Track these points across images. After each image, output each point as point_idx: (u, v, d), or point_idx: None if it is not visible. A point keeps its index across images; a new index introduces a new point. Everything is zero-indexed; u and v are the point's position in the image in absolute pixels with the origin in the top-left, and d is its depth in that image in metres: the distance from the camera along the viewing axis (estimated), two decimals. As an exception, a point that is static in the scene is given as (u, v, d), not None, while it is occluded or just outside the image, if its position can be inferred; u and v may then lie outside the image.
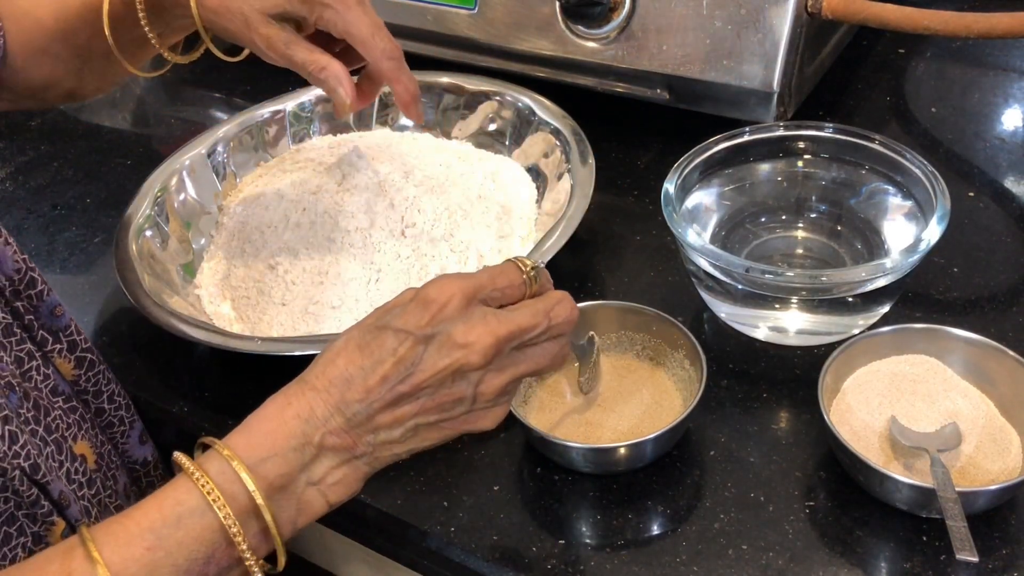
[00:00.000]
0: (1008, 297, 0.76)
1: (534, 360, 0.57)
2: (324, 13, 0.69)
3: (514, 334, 0.55)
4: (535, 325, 0.55)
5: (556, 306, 0.56)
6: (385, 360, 0.53)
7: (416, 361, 0.53)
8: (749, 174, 0.80)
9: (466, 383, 0.55)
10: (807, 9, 0.84)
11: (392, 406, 0.54)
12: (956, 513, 0.57)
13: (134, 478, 0.73)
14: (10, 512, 0.57)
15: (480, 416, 0.57)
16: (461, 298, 0.54)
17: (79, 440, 0.66)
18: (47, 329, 0.65)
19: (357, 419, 0.54)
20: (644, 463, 0.67)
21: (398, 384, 0.53)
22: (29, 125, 1.14)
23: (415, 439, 0.56)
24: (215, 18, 0.71)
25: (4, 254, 0.62)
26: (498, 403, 0.57)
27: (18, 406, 0.60)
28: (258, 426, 0.54)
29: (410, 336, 0.54)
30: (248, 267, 0.84)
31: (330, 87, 0.71)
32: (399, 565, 0.72)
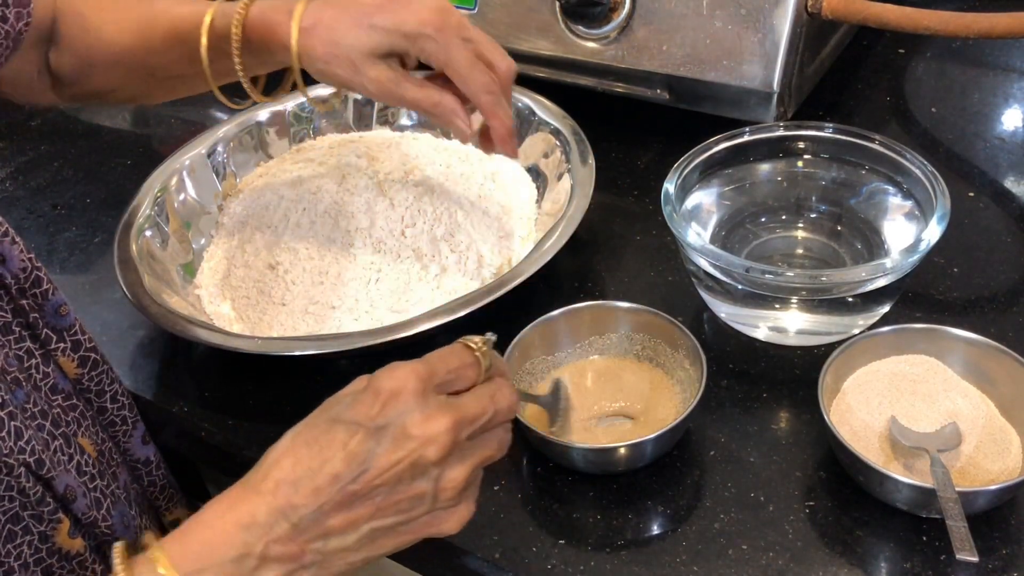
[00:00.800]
0: (1008, 297, 0.76)
1: (486, 448, 0.53)
2: (426, 46, 0.68)
3: (467, 420, 0.51)
4: (483, 411, 0.52)
5: (497, 393, 0.53)
6: (334, 456, 0.50)
7: (369, 456, 0.49)
8: (749, 174, 0.80)
9: (424, 479, 0.51)
10: (807, 9, 0.84)
11: (344, 508, 0.50)
12: (956, 513, 0.57)
13: (135, 477, 0.73)
14: (15, 511, 0.57)
15: (442, 517, 0.53)
16: (415, 385, 0.50)
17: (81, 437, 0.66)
18: (51, 328, 0.65)
19: (304, 524, 0.50)
20: (644, 463, 0.67)
21: (350, 483, 0.49)
22: (29, 125, 1.14)
23: (371, 546, 0.52)
24: (323, 67, 0.70)
25: (11, 252, 0.62)
26: (461, 500, 0.53)
27: (24, 401, 0.60)
28: (196, 533, 0.50)
29: (361, 428, 0.50)
30: (248, 267, 0.84)
31: (447, 120, 0.69)
32: (399, 565, 0.72)
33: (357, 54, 0.68)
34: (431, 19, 0.67)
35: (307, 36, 0.70)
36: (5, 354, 0.60)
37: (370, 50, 0.68)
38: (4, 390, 0.57)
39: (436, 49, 0.68)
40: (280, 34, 0.71)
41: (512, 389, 0.55)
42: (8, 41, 0.64)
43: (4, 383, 0.58)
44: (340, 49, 0.68)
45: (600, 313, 0.73)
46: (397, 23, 0.67)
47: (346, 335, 0.73)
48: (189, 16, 0.74)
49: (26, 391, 0.60)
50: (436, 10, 0.68)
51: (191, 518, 0.51)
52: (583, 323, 0.73)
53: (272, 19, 0.71)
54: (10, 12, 0.64)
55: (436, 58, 0.68)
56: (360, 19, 0.68)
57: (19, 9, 0.65)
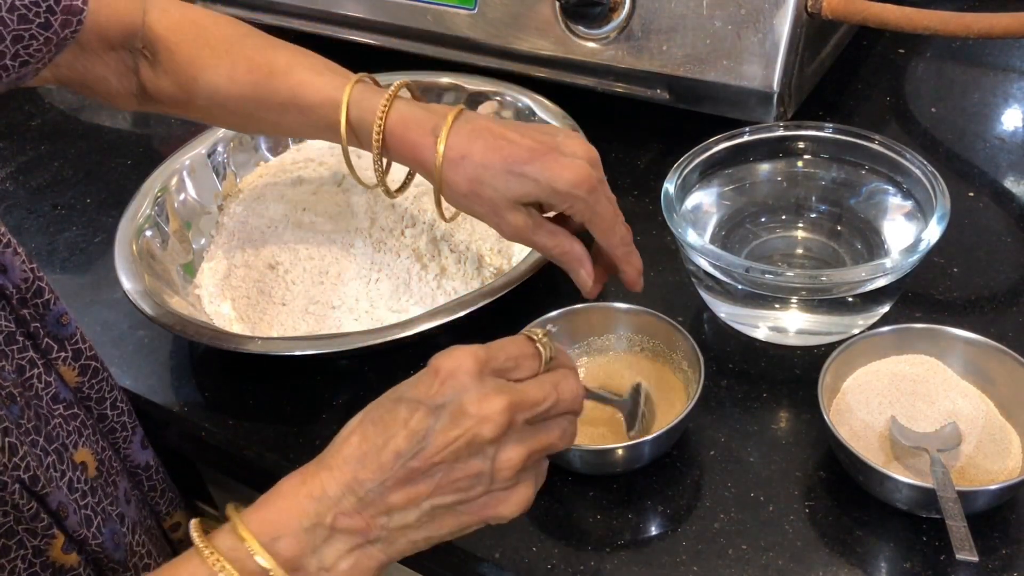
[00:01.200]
0: (1008, 297, 0.76)
1: (548, 435, 0.54)
2: (576, 205, 0.66)
3: (525, 404, 0.52)
4: (544, 397, 0.53)
5: (562, 382, 0.54)
6: (397, 434, 0.51)
7: (428, 433, 0.51)
8: (749, 174, 0.80)
9: (481, 457, 0.51)
10: (807, 9, 0.84)
11: (405, 484, 0.51)
12: (956, 513, 0.57)
13: (135, 482, 0.73)
14: (9, 525, 0.57)
15: (500, 499, 0.53)
16: (473, 365, 0.51)
17: (80, 447, 0.66)
18: (53, 337, 0.65)
19: (369, 498, 0.51)
20: (642, 464, 0.67)
21: (410, 460, 0.51)
22: (29, 125, 1.14)
23: (432, 524, 0.53)
24: (462, 200, 0.68)
25: (12, 263, 0.62)
26: (520, 482, 0.53)
27: (19, 416, 0.60)
28: (272, 503, 0.52)
29: (421, 406, 0.51)
30: (248, 267, 0.84)
31: (573, 269, 0.69)
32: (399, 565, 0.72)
33: (502, 200, 0.66)
34: (584, 180, 0.65)
35: (453, 168, 0.67)
36: (2, 367, 0.60)
37: (516, 198, 0.66)
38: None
39: (584, 208, 0.66)
40: (423, 157, 0.68)
41: (578, 381, 0.55)
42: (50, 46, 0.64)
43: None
44: (486, 191, 0.66)
45: (599, 314, 0.73)
46: (550, 179, 0.65)
47: (346, 335, 0.73)
48: (318, 93, 0.72)
49: (21, 406, 0.60)
50: (586, 166, 0.66)
51: (269, 491, 0.53)
52: (581, 324, 0.72)
53: (415, 138, 0.69)
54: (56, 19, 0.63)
55: (582, 215, 0.66)
56: (512, 165, 0.65)
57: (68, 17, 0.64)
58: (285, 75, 0.73)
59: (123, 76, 0.74)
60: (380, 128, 0.69)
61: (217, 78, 0.73)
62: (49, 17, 0.62)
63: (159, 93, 0.75)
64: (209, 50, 0.74)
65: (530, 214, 0.67)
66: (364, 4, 1.02)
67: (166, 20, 0.74)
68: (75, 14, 0.64)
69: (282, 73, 0.73)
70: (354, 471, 0.51)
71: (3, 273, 0.61)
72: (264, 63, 0.73)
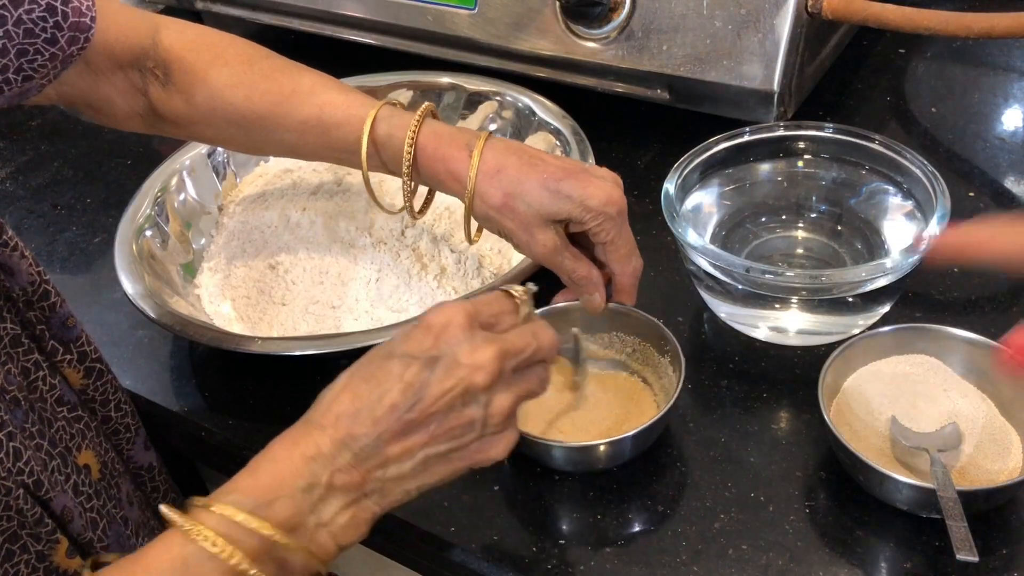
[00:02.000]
0: (1008, 297, 0.76)
1: (528, 382, 0.56)
2: (605, 224, 0.66)
3: (511, 352, 0.54)
4: (527, 345, 0.55)
5: (540, 331, 0.57)
6: (392, 388, 0.53)
7: (424, 385, 0.53)
8: (749, 174, 0.80)
9: (475, 405, 0.54)
10: (807, 9, 0.84)
11: (402, 436, 0.53)
12: (956, 513, 0.57)
13: (138, 483, 0.73)
14: (13, 530, 0.57)
15: (491, 443, 0.55)
16: (463, 320, 0.54)
17: (84, 450, 0.66)
18: (58, 340, 0.65)
19: (365, 453, 0.53)
20: (624, 460, 0.67)
21: (406, 412, 0.52)
22: (29, 125, 1.14)
23: (425, 473, 0.54)
24: (495, 215, 0.68)
25: (19, 266, 0.62)
26: (507, 427, 0.56)
27: (23, 420, 0.60)
28: (265, 467, 0.52)
29: (416, 360, 0.53)
30: (248, 267, 0.84)
31: (588, 292, 0.69)
32: (399, 565, 0.72)
33: (535, 215, 0.67)
34: (616, 200, 0.66)
35: (488, 180, 0.67)
36: (7, 370, 0.60)
37: (549, 215, 0.66)
38: (3, 410, 0.57)
39: (611, 228, 0.67)
40: (457, 168, 0.68)
41: (552, 331, 0.58)
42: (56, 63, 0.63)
43: (3, 402, 0.58)
44: (520, 204, 0.67)
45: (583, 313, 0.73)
46: (584, 196, 0.66)
47: (346, 335, 0.73)
48: (345, 111, 0.71)
49: (25, 409, 0.60)
50: (617, 188, 0.67)
51: (257, 456, 0.53)
52: (566, 323, 0.72)
53: (448, 151, 0.69)
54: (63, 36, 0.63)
55: (607, 234, 0.67)
56: (547, 181, 0.66)
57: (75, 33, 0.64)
58: (309, 95, 0.72)
59: (129, 96, 0.74)
60: (412, 141, 0.69)
61: (235, 96, 0.73)
62: (56, 33, 0.62)
63: (170, 113, 0.75)
64: (228, 69, 0.73)
65: (558, 233, 0.68)
66: (364, 4, 1.02)
67: (182, 39, 0.74)
68: (83, 31, 0.64)
69: (306, 93, 0.73)
70: (348, 427, 0.52)
71: (9, 276, 0.62)
72: (287, 82, 0.73)
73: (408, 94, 0.98)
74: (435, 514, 0.66)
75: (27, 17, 0.60)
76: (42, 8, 0.60)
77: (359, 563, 0.82)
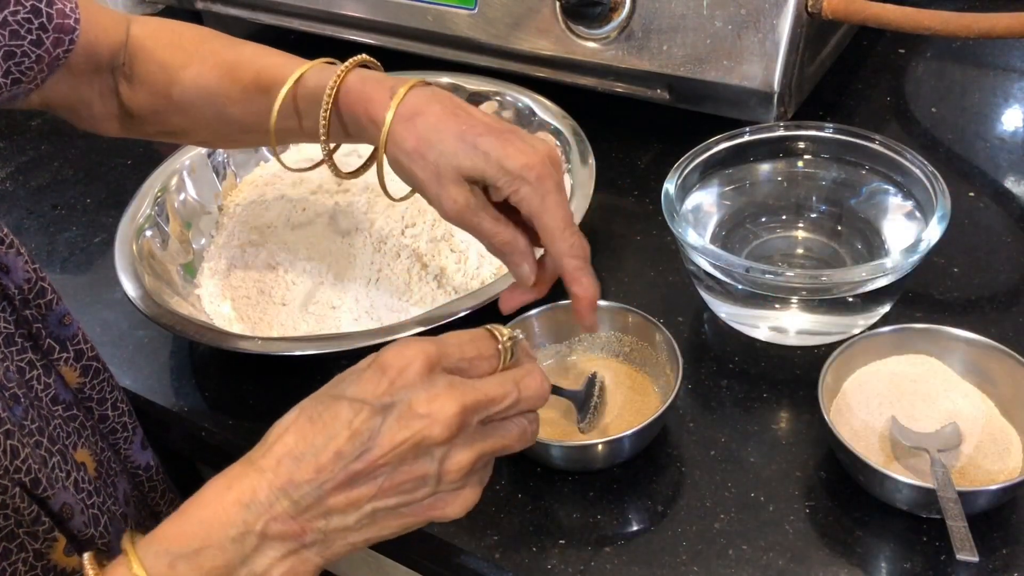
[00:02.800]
0: (1008, 297, 0.76)
1: (502, 437, 0.52)
2: (522, 189, 0.61)
3: (481, 404, 0.50)
4: (503, 396, 0.51)
5: (526, 377, 0.52)
6: (339, 434, 0.49)
7: (373, 434, 0.48)
8: (749, 174, 0.80)
9: (429, 460, 0.49)
10: (807, 9, 0.84)
11: (346, 487, 0.49)
12: (956, 513, 0.57)
13: (135, 483, 0.73)
14: (10, 529, 0.57)
15: (447, 500, 0.51)
16: (423, 363, 0.49)
17: (79, 448, 0.66)
18: (55, 338, 0.65)
19: (305, 502, 0.49)
20: (623, 460, 0.67)
21: (353, 462, 0.48)
22: (29, 125, 1.14)
23: (373, 527, 0.51)
24: (405, 160, 0.64)
25: (15, 264, 0.62)
26: (466, 484, 0.51)
27: (22, 418, 0.60)
28: (194, 512, 0.49)
29: (366, 406, 0.49)
30: (248, 267, 0.84)
31: (514, 263, 0.64)
32: (399, 565, 0.72)
33: (448, 166, 0.62)
34: (536, 164, 0.61)
35: (404, 123, 0.64)
36: (6, 368, 0.60)
37: (463, 169, 0.62)
38: (2, 407, 0.57)
39: (530, 195, 0.61)
40: (375, 110, 0.65)
41: (544, 378, 0.53)
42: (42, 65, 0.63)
43: (2, 399, 0.58)
44: (432, 152, 0.62)
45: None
46: (501, 156, 0.61)
47: (346, 335, 0.73)
48: (278, 68, 0.70)
49: (24, 407, 0.60)
50: (544, 155, 0.62)
51: (190, 498, 0.50)
52: (561, 323, 0.72)
53: (371, 92, 0.66)
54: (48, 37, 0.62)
55: (528, 204, 0.61)
56: (466, 134, 0.62)
57: (60, 35, 0.63)
58: (250, 62, 0.72)
59: (106, 98, 0.75)
60: (336, 83, 0.66)
61: (187, 77, 0.73)
62: (41, 35, 0.62)
63: (137, 106, 0.75)
64: (182, 52, 0.74)
65: (474, 192, 0.63)
66: (364, 4, 1.02)
67: (146, 29, 0.74)
68: (67, 33, 0.64)
69: (247, 61, 0.72)
70: (289, 472, 0.49)
71: (5, 273, 0.61)
72: (231, 54, 0.73)
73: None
74: (435, 514, 0.66)
75: (12, 19, 0.60)
76: (27, 10, 0.60)
77: (359, 563, 0.82)
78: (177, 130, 0.78)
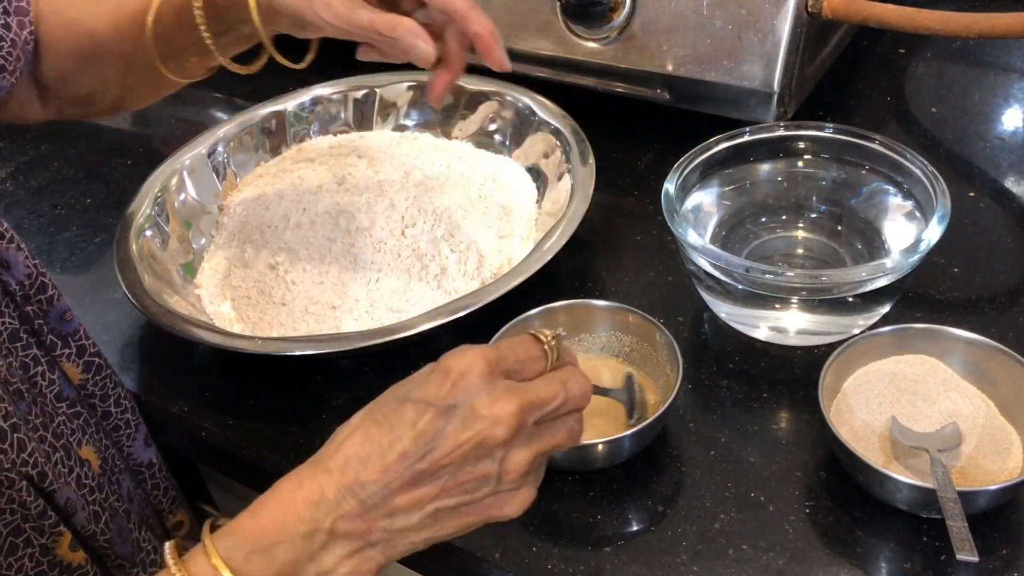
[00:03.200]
0: (1008, 297, 0.76)
1: (554, 436, 0.53)
2: None
3: (535, 405, 0.51)
4: (554, 396, 0.52)
5: (570, 379, 0.53)
6: (404, 435, 0.50)
7: (437, 435, 0.50)
8: (749, 174, 0.80)
9: (491, 460, 0.51)
10: (807, 9, 0.84)
11: (411, 486, 0.50)
12: (956, 513, 0.57)
13: (138, 480, 0.73)
14: (16, 523, 0.57)
15: (505, 500, 0.52)
16: (483, 367, 0.51)
17: (84, 445, 0.66)
18: (56, 334, 0.65)
19: (372, 501, 0.50)
20: (622, 460, 0.67)
21: (418, 461, 0.50)
22: (29, 125, 1.14)
23: (434, 526, 0.52)
24: (275, 1, 0.66)
25: (16, 259, 0.62)
26: (524, 484, 0.53)
27: (26, 413, 0.60)
28: (268, 508, 0.51)
29: (431, 407, 0.50)
30: (248, 267, 0.84)
31: (407, 43, 0.64)
32: (399, 565, 0.72)
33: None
34: None
35: None
36: (8, 364, 0.60)
37: None
38: (7, 401, 0.57)
39: None
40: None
41: (585, 378, 0.54)
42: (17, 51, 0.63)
43: (7, 394, 0.58)
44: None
45: (578, 312, 0.73)
46: None
47: (346, 335, 0.73)
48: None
49: (28, 402, 0.60)
50: None
51: (263, 495, 0.51)
52: (561, 322, 0.72)
53: None
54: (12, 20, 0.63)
55: None
56: None
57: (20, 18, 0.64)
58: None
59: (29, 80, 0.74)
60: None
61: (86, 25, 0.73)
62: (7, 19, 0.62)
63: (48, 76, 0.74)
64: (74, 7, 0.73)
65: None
66: (364, 4, 1.02)
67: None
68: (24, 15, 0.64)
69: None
70: (356, 473, 0.50)
71: (6, 269, 0.61)
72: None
73: (408, 94, 0.98)
74: (435, 514, 0.66)
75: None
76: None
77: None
78: (89, 91, 0.78)
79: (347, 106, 0.98)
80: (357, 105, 0.98)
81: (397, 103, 0.98)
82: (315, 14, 0.64)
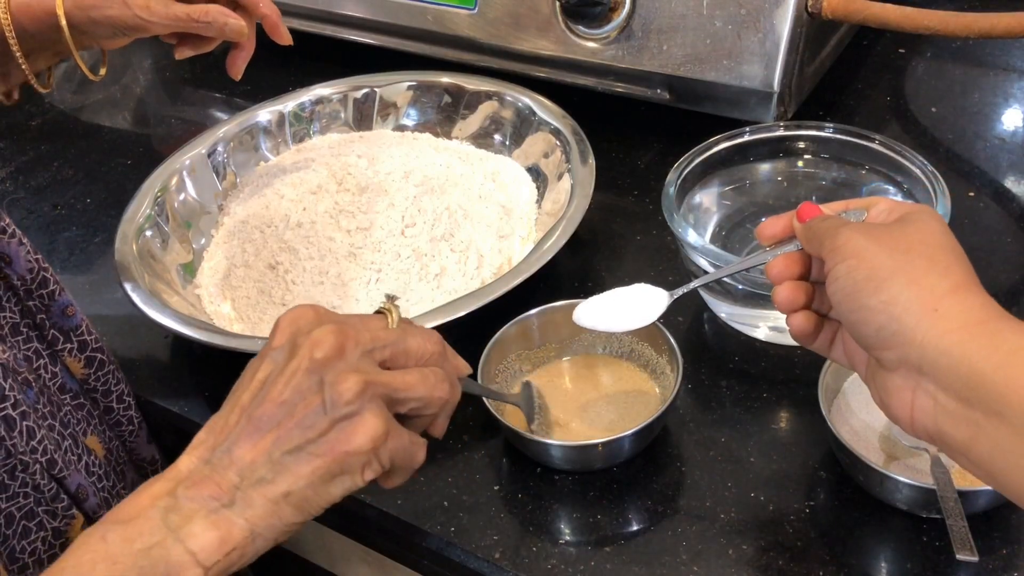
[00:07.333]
0: (1008, 297, 0.76)
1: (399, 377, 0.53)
2: None
3: (361, 336, 0.53)
4: (386, 336, 0.54)
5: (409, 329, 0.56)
6: (244, 391, 0.52)
7: (270, 378, 0.52)
8: (749, 174, 0.80)
9: (317, 386, 0.51)
10: (807, 9, 0.84)
11: (252, 435, 0.50)
12: (956, 513, 0.57)
13: (142, 475, 0.73)
14: (29, 507, 0.58)
15: (347, 431, 0.50)
16: (311, 313, 0.54)
17: (89, 435, 0.66)
18: (58, 328, 0.65)
19: (216, 459, 0.51)
20: (622, 460, 0.67)
21: (255, 409, 0.51)
22: (29, 125, 1.14)
23: (285, 474, 0.50)
24: (93, 13, 0.72)
25: (18, 253, 0.62)
26: (362, 409, 0.51)
27: (35, 401, 0.60)
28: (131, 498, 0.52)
29: (264, 358, 0.53)
30: (248, 267, 0.84)
31: (221, 22, 0.73)
32: (399, 565, 0.72)
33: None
34: None
35: None
36: (13, 355, 0.60)
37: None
38: (16, 389, 0.57)
39: None
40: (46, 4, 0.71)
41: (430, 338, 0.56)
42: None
43: (16, 383, 0.58)
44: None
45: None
46: None
47: (346, 335, 0.73)
48: None
49: (36, 390, 0.61)
50: None
51: None
52: (560, 323, 0.72)
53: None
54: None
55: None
56: None
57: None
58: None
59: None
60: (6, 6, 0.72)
61: None
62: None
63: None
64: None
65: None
66: (364, 4, 1.02)
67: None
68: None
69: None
70: (204, 440, 0.52)
71: (8, 264, 0.62)
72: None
73: (408, 93, 0.98)
74: (435, 514, 0.66)
75: None
76: None
77: (359, 562, 0.82)
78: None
79: (347, 106, 0.98)
80: (357, 105, 0.98)
81: (397, 103, 0.98)
82: (136, 17, 0.72)
